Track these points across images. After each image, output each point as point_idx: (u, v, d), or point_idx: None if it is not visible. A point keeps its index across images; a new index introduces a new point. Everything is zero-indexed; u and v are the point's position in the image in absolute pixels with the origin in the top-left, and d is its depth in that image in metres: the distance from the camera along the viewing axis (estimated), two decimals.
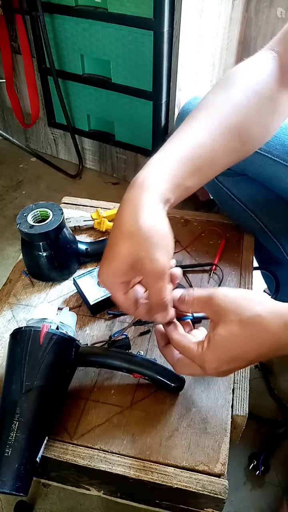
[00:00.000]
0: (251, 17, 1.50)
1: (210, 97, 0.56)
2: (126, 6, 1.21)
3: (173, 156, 0.52)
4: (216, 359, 0.47)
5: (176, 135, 0.54)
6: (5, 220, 1.53)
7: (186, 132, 0.54)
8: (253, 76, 0.57)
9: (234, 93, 0.56)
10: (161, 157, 0.52)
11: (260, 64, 0.58)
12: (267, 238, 0.86)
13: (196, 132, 0.53)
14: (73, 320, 0.64)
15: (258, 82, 0.57)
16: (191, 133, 0.53)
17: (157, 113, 1.36)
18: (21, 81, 1.64)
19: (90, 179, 1.70)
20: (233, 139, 0.55)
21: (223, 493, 0.51)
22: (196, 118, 0.55)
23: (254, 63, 0.59)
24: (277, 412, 0.97)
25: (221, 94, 0.56)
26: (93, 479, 0.57)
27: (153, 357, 0.63)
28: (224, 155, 0.55)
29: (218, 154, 0.54)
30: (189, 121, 0.55)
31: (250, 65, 0.59)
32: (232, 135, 0.54)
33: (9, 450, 0.49)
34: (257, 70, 0.58)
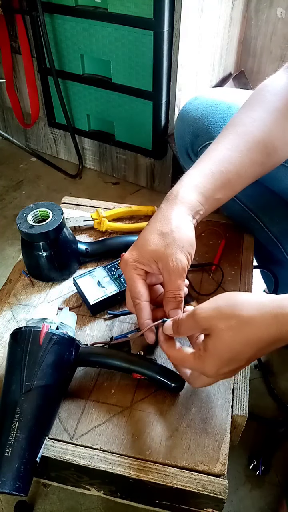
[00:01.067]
0: (251, 17, 1.50)
1: (238, 117, 0.64)
2: (126, 6, 1.21)
3: (204, 171, 0.59)
4: (215, 364, 0.49)
5: (207, 152, 0.61)
6: (5, 220, 1.53)
7: (216, 149, 0.61)
8: (275, 96, 0.63)
9: (259, 111, 0.62)
10: (194, 173, 0.59)
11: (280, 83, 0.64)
12: (267, 238, 0.86)
13: (225, 149, 0.60)
14: (73, 320, 0.64)
15: (280, 100, 0.62)
16: (221, 150, 0.60)
17: (157, 113, 1.36)
18: (21, 81, 1.64)
19: (90, 179, 1.70)
20: (259, 153, 0.61)
21: (223, 493, 0.51)
22: (225, 136, 0.62)
23: (275, 82, 0.65)
24: (277, 412, 0.97)
25: (247, 113, 0.63)
26: (93, 479, 0.57)
27: (153, 357, 0.63)
28: (251, 168, 0.61)
29: (246, 168, 0.60)
30: (219, 139, 0.62)
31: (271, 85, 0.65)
32: (258, 150, 0.60)
33: (9, 450, 0.49)
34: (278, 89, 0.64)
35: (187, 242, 0.56)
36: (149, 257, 0.55)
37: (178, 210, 0.57)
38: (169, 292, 0.56)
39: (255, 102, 0.64)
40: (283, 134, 0.62)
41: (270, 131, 0.61)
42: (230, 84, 1.55)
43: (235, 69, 1.60)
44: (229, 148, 0.60)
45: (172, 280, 0.55)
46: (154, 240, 0.55)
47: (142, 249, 0.56)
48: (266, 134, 0.61)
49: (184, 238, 0.56)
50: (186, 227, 0.57)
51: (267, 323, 0.46)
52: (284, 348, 0.48)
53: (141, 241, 0.56)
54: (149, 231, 0.56)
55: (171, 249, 0.55)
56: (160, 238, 0.55)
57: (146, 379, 0.59)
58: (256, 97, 0.65)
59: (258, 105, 0.64)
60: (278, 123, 0.62)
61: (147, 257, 0.55)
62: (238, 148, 0.60)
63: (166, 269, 0.55)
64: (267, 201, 0.84)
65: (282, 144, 0.63)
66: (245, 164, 0.60)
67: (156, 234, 0.56)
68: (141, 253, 0.56)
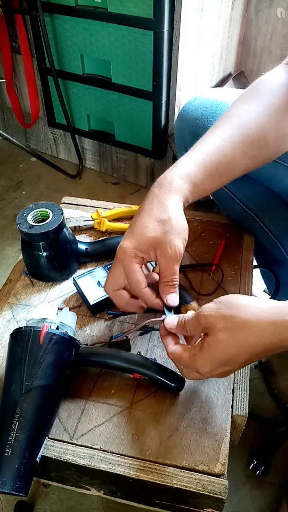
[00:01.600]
0: (251, 17, 1.50)
1: (233, 109, 0.64)
2: (126, 6, 1.21)
3: (197, 160, 0.59)
4: (208, 363, 0.50)
5: (201, 141, 0.62)
6: (5, 220, 1.53)
7: (210, 138, 0.61)
8: (271, 90, 0.64)
9: (254, 105, 0.63)
10: (187, 161, 0.60)
11: (278, 79, 0.65)
12: (267, 238, 0.86)
13: (219, 138, 0.61)
14: (73, 320, 0.64)
15: (276, 95, 0.63)
16: (214, 140, 0.61)
17: (157, 113, 1.36)
18: (21, 81, 1.64)
19: (90, 179, 1.70)
20: (251, 146, 0.61)
21: (223, 493, 0.51)
22: (219, 127, 0.62)
23: (272, 78, 0.65)
24: (277, 412, 0.97)
25: (243, 106, 0.63)
26: (93, 479, 0.57)
27: (153, 357, 0.63)
28: (242, 160, 0.61)
29: (237, 160, 0.61)
30: (213, 129, 0.62)
31: (269, 80, 0.65)
32: (251, 142, 0.61)
33: (9, 450, 0.49)
34: (275, 84, 0.64)
35: (184, 229, 0.57)
36: (148, 244, 0.56)
37: (174, 198, 0.58)
38: (165, 277, 0.57)
39: (251, 96, 0.65)
40: (276, 129, 0.62)
41: (263, 125, 0.62)
42: (230, 84, 1.55)
43: (235, 69, 1.60)
44: (223, 138, 0.61)
45: (169, 266, 0.56)
46: (153, 227, 0.56)
47: (141, 237, 0.56)
48: (259, 127, 0.61)
49: (181, 225, 0.57)
50: (181, 214, 0.58)
51: (264, 329, 0.47)
52: None
53: (140, 229, 0.57)
54: (147, 218, 0.57)
55: (169, 236, 0.56)
56: (158, 225, 0.56)
57: (146, 379, 0.59)
58: (252, 90, 0.65)
59: (254, 98, 0.64)
60: (272, 118, 0.62)
61: (147, 244, 0.56)
62: (231, 139, 0.60)
63: (164, 256, 0.56)
64: (267, 201, 0.84)
65: (274, 138, 0.63)
66: (236, 156, 0.61)
67: (155, 221, 0.56)
68: (140, 241, 0.56)
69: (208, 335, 0.50)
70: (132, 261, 0.57)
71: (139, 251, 0.56)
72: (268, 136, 0.62)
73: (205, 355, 0.50)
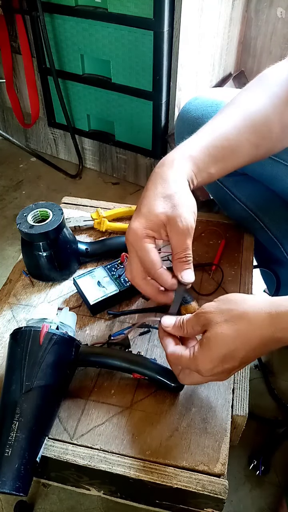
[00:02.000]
0: (251, 17, 1.50)
1: (238, 97, 0.64)
2: (126, 6, 1.21)
3: (200, 143, 0.59)
4: (208, 360, 0.49)
5: (207, 125, 0.61)
6: (5, 220, 1.53)
7: (215, 123, 0.61)
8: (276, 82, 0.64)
9: (259, 95, 0.63)
10: (190, 143, 0.59)
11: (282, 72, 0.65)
12: (267, 238, 0.86)
13: (224, 125, 0.60)
14: (73, 320, 0.64)
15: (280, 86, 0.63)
16: (219, 125, 0.61)
17: (157, 113, 1.36)
18: (21, 81, 1.64)
19: (90, 179, 1.70)
20: (255, 134, 0.61)
21: (223, 493, 0.51)
22: (225, 113, 0.62)
23: (276, 70, 0.66)
24: (277, 412, 0.97)
25: (250, 95, 0.64)
26: (93, 479, 0.57)
27: (153, 357, 0.63)
28: (246, 147, 0.61)
29: (241, 147, 0.60)
30: (218, 115, 0.62)
31: (273, 73, 0.65)
32: (255, 130, 0.61)
33: (9, 450, 0.49)
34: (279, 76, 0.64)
35: (192, 202, 0.56)
36: (158, 222, 0.54)
37: (177, 174, 0.56)
38: (178, 253, 0.55)
39: (257, 86, 0.65)
40: (280, 119, 0.62)
41: (268, 114, 0.62)
42: (230, 84, 1.55)
43: (235, 69, 1.60)
44: (228, 124, 0.60)
45: (181, 241, 0.54)
46: (160, 204, 0.54)
47: (150, 215, 0.54)
48: (264, 116, 0.61)
49: (188, 198, 0.55)
50: (187, 189, 0.56)
51: (260, 320, 0.47)
52: (284, 348, 0.49)
53: (146, 208, 0.55)
54: (152, 197, 0.55)
55: (178, 210, 0.54)
56: (165, 201, 0.54)
57: (146, 379, 0.59)
58: (257, 82, 0.65)
59: (259, 89, 0.64)
60: (276, 109, 0.62)
61: (157, 221, 0.54)
62: (236, 125, 0.60)
63: (175, 231, 0.54)
64: (267, 201, 0.84)
65: (278, 129, 0.63)
66: (240, 143, 0.60)
67: (160, 198, 0.55)
68: (149, 220, 0.54)
69: (207, 331, 0.50)
70: (144, 241, 0.55)
71: (150, 230, 0.55)
72: (272, 126, 0.62)
73: (205, 351, 0.49)
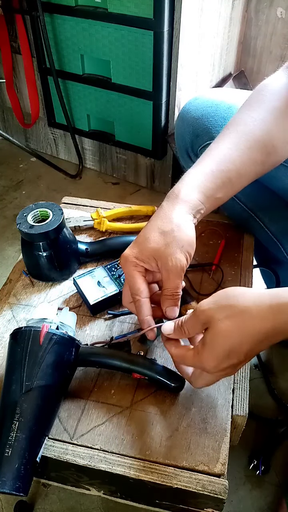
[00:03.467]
0: (251, 17, 1.50)
1: (238, 117, 0.64)
2: (126, 6, 1.21)
3: (204, 170, 0.59)
4: (213, 357, 0.49)
5: (208, 151, 0.61)
6: (5, 220, 1.53)
7: (217, 148, 0.61)
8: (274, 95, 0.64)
9: (259, 111, 0.63)
10: (194, 172, 0.60)
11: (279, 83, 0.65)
12: (267, 238, 0.86)
13: (226, 148, 0.61)
14: (73, 320, 0.64)
15: (279, 99, 0.63)
16: (221, 149, 0.61)
17: (157, 113, 1.36)
18: (21, 81, 1.64)
19: (90, 179, 1.70)
20: (259, 152, 0.61)
21: (223, 493, 0.51)
22: (226, 135, 0.62)
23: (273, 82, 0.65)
24: (277, 412, 0.97)
25: (247, 113, 0.63)
26: (93, 479, 0.57)
27: (153, 357, 0.63)
28: (251, 167, 0.61)
29: (246, 167, 0.61)
30: (219, 138, 0.62)
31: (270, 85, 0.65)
32: (258, 149, 0.61)
33: (9, 450, 0.49)
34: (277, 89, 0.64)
35: (187, 242, 0.56)
36: (149, 255, 0.56)
37: (179, 209, 0.57)
38: (167, 290, 0.56)
39: (255, 102, 0.64)
40: (283, 134, 0.62)
41: (270, 130, 0.62)
42: (230, 84, 1.55)
43: (235, 69, 1.60)
44: (230, 147, 0.61)
45: (171, 279, 0.55)
46: (154, 238, 0.56)
47: (142, 247, 0.56)
48: (266, 133, 0.61)
49: (184, 237, 0.56)
50: (186, 226, 0.57)
51: (263, 313, 0.47)
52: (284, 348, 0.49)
53: (142, 239, 0.57)
54: (150, 229, 0.57)
55: (171, 248, 0.55)
56: (160, 236, 0.55)
57: (146, 379, 0.59)
58: (256, 96, 0.65)
59: (258, 104, 0.64)
60: (278, 122, 0.62)
61: (147, 254, 0.56)
62: (238, 147, 0.60)
63: (165, 268, 0.55)
64: (267, 200, 0.84)
65: (281, 143, 0.63)
66: (245, 163, 0.60)
67: (157, 233, 0.56)
68: (141, 251, 0.56)
69: (209, 328, 0.49)
70: (132, 269, 0.57)
71: (139, 260, 0.56)
72: (276, 141, 0.62)
73: (209, 348, 0.49)
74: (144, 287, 0.57)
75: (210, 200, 0.59)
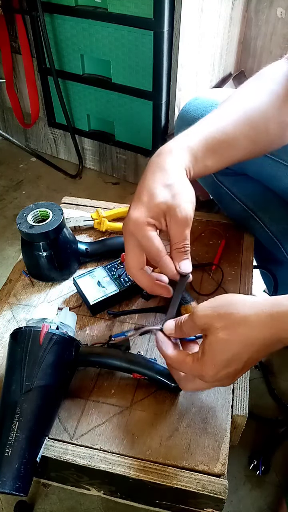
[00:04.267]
0: (251, 17, 1.50)
1: (238, 93, 0.64)
2: (126, 6, 1.21)
3: (197, 135, 0.59)
4: (212, 366, 0.48)
5: (205, 118, 0.61)
6: (5, 220, 1.53)
7: (213, 117, 0.61)
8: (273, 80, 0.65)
9: (257, 91, 0.64)
10: (187, 135, 0.59)
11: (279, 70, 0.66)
12: (267, 237, 0.86)
13: (222, 119, 0.61)
14: (73, 320, 0.64)
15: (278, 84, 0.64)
16: (217, 119, 0.61)
17: (157, 113, 1.36)
18: (21, 81, 1.64)
19: (90, 179, 1.70)
20: (252, 129, 0.61)
21: (223, 493, 0.51)
22: (224, 107, 0.63)
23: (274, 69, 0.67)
24: (277, 412, 0.97)
25: (248, 91, 0.65)
26: (93, 479, 0.57)
27: (153, 357, 0.63)
28: (243, 141, 0.61)
29: (237, 140, 0.60)
30: (217, 109, 0.63)
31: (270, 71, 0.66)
32: (252, 125, 0.61)
33: (9, 450, 0.49)
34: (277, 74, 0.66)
35: (191, 192, 0.56)
36: (159, 210, 0.54)
37: (175, 163, 0.56)
38: (177, 243, 0.55)
39: (255, 83, 0.65)
40: (278, 116, 0.63)
41: (265, 110, 0.62)
42: (230, 84, 1.55)
43: (235, 69, 1.60)
44: (225, 118, 0.61)
45: (180, 231, 0.54)
46: (161, 193, 0.54)
47: (150, 204, 0.54)
48: (261, 112, 0.62)
49: (187, 188, 0.55)
50: (185, 178, 0.56)
51: (262, 322, 0.46)
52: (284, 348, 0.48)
53: (147, 197, 0.55)
54: (152, 185, 0.55)
55: (178, 199, 0.54)
56: (165, 189, 0.54)
57: (146, 379, 0.59)
58: (255, 79, 0.66)
59: (258, 86, 0.65)
60: (273, 104, 0.62)
61: (157, 210, 0.54)
62: (233, 119, 0.61)
63: (174, 220, 0.54)
64: (267, 200, 0.84)
65: (274, 125, 0.63)
66: (237, 137, 0.60)
67: (161, 186, 0.54)
68: (150, 208, 0.54)
69: (207, 336, 0.49)
70: (147, 229, 0.54)
71: (151, 219, 0.54)
72: (269, 122, 0.62)
73: (208, 357, 0.49)
74: (163, 246, 0.55)
75: (199, 165, 0.58)
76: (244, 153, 0.62)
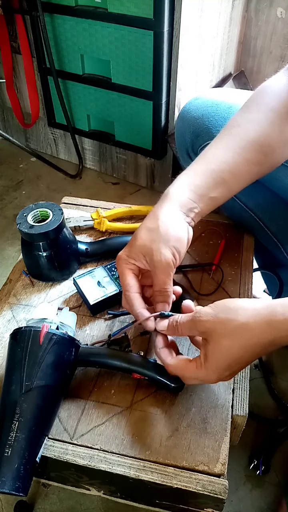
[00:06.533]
0: (251, 17, 1.50)
1: (233, 119, 0.64)
2: (126, 6, 1.21)
3: (196, 170, 0.61)
4: (216, 370, 0.51)
5: (202, 153, 0.62)
6: (5, 220, 1.53)
7: (210, 150, 0.62)
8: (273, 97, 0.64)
9: (254, 113, 0.63)
10: (186, 173, 0.61)
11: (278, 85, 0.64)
12: (267, 238, 0.86)
13: (219, 149, 0.62)
14: (73, 320, 0.64)
15: (277, 101, 0.63)
16: (214, 150, 0.62)
17: (157, 113, 1.36)
18: (21, 81, 1.64)
19: (90, 179, 1.70)
20: (255, 152, 0.61)
21: (223, 493, 0.51)
22: (220, 138, 0.63)
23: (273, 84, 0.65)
24: (277, 412, 0.97)
25: (243, 115, 0.64)
26: (93, 479, 0.57)
27: (153, 357, 0.63)
28: (245, 167, 0.61)
29: (240, 166, 0.61)
30: (213, 141, 0.63)
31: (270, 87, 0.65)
32: (253, 149, 0.61)
33: (9, 450, 0.49)
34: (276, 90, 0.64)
35: (174, 237, 0.57)
36: (138, 252, 0.57)
37: (168, 207, 0.58)
38: (155, 286, 0.58)
39: (252, 104, 0.65)
40: (280, 134, 0.62)
41: (265, 131, 0.62)
42: (230, 84, 1.55)
43: (235, 69, 1.60)
44: (223, 148, 0.61)
45: (157, 274, 0.57)
46: (141, 236, 0.58)
47: (132, 245, 0.58)
48: (261, 134, 0.62)
49: (171, 233, 0.57)
50: (174, 223, 0.58)
51: (261, 329, 0.48)
52: (284, 348, 0.50)
53: (133, 238, 0.59)
54: (139, 229, 0.59)
55: (156, 244, 0.56)
56: (146, 233, 0.57)
57: (146, 379, 0.59)
58: (254, 99, 0.66)
59: (255, 106, 0.64)
60: (274, 124, 0.62)
61: (136, 252, 0.57)
62: (231, 147, 0.61)
63: (151, 264, 0.57)
64: (267, 201, 0.84)
65: (279, 143, 0.63)
66: (239, 163, 0.61)
67: (144, 230, 0.58)
68: (131, 249, 0.58)
69: (209, 342, 0.51)
70: (124, 266, 0.58)
71: (130, 258, 0.58)
72: (272, 142, 0.62)
73: (211, 363, 0.51)
74: (133, 283, 0.58)
75: (204, 199, 0.60)
76: (250, 177, 0.63)
